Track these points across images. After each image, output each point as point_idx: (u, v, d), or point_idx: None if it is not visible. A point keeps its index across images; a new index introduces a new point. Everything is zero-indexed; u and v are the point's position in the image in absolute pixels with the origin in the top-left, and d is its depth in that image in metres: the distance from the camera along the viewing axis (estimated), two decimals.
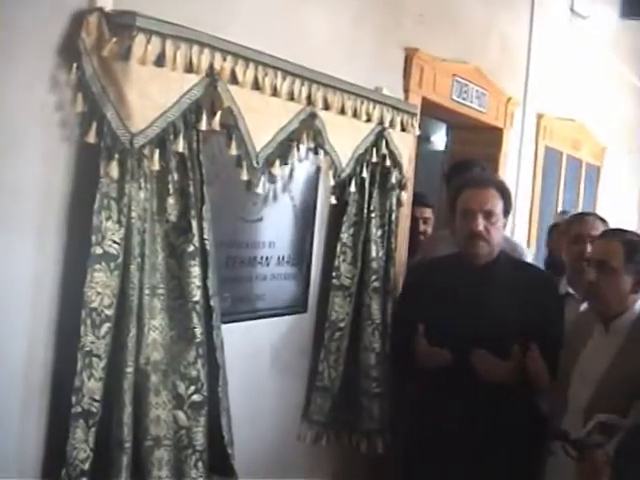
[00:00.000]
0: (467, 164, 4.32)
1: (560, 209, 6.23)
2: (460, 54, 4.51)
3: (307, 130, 3.03)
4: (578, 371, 3.06)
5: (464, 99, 4.58)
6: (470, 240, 3.36)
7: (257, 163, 2.78)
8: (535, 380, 3.25)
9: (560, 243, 4.07)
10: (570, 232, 3.85)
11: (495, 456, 3.27)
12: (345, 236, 3.47)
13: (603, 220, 3.93)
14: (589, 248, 3.69)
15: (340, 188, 3.38)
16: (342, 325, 3.47)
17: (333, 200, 3.36)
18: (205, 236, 2.60)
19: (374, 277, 3.57)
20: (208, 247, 2.61)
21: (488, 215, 3.34)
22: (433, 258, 3.84)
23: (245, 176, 2.76)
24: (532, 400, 3.33)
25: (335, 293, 3.46)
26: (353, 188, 3.40)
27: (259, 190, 2.88)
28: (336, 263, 3.46)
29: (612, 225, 3.89)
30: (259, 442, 3.15)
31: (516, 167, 5.55)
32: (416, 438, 3.53)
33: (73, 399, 2.28)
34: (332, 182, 3.28)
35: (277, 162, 2.90)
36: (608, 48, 7.23)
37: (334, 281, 3.46)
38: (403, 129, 3.67)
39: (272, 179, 2.95)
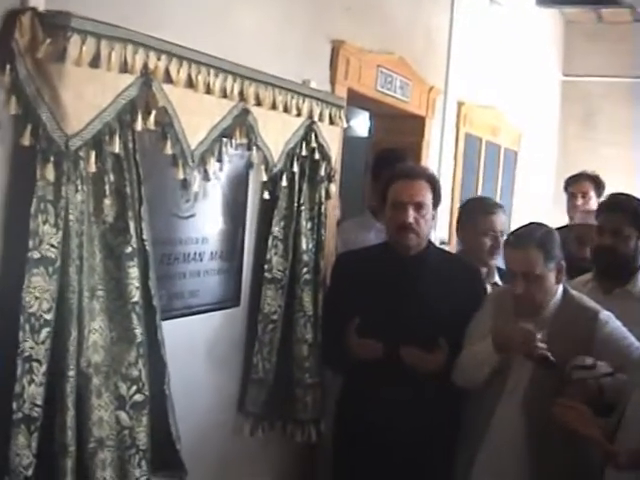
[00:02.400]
0: (395, 156, 4.33)
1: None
2: (385, 45, 4.55)
3: (240, 126, 3.04)
4: (514, 359, 3.17)
5: (388, 89, 4.63)
6: (400, 232, 3.44)
7: (192, 161, 2.79)
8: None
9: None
10: (481, 226, 3.97)
11: (424, 446, 3.37)
12: (276, 229, 3.49)
13: (501, 206, 4.16)
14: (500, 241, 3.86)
15: (272, 183, 3.40)
16: (275, 318, 3.49)
17: (266, 195, 3.39)
18: (144, 237, 2.60)
19: (305, 269, 3.60)
20: (148, 247, 2.62)
21: (418, 207, 3.42)
22: (361, 248, 3.91)
23: (181, 175, 2.77)
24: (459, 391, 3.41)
25: (267, 286, 3.48)
26: (284, 182, 3.43)
27: (195, 188, 2.89)
28: (268, 256, 3.48)
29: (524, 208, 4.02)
30: (197, 437, 3.15)
31: (438, 154, 5.64)
32: (346, 427, 3.61)
33: (14, 405, 2.25)
34: (264, 177, 3.30)
35: (212, 159, 2.91)
36: (526, 36, 7.38)
37: (266, 274, 3.48)
38: (331, 122, 3.70)
39: (207, 177, 2.95)
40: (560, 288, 3.24)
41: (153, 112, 2.59)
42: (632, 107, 8.59)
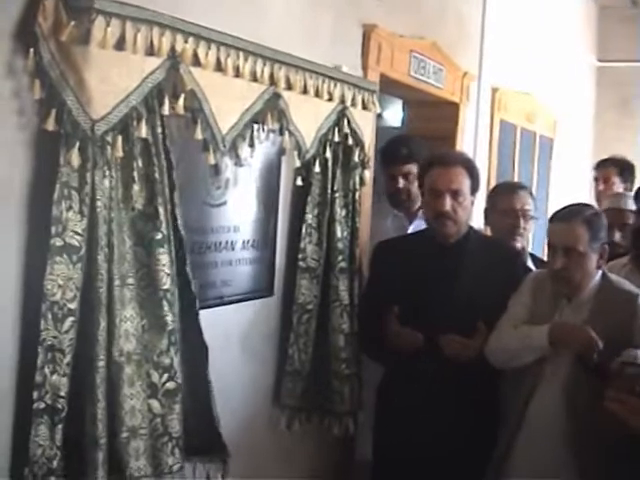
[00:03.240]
0: (402, 143, 4.27)
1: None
2: (417, 30, 4.46)
3: (271, 111, 2.97)
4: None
5: (422, 75, 4.54)
6: (437, 219, 3.39)
7: (224, 146, 2.72)
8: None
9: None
10: (500, 205, 3.85)
11: (463, 435, 3.29)
12: (310, 217, 3.43)
13: (523, 186, 4.07)
14: (522, 222, 3.74)
15: (304, 169, 3.33)
16: (310, 307, 3.43)
17: (299, 182, 3.32)
18: (178, 222, 2.56)
19: (340, 258, 3.53)
20: (182, 233, 2.58)
21: (455, 194, 3.37)
22: (400, 236, 3.86)
23: (212, 160, 2.70)
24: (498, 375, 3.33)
25: (302, 275, 3.41)
26: (317, 168, 3.36)
27: (228, 174, 2.82)
28: (301, 245, 3.41)
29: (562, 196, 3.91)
30: (231, 429, 3.09)
31: (473, 141, 5.54)
32: (384, 418, 3.54)
33: (35, 395, 2.20)
34: (297, 163, 3.23)
35: (243, 145, 2.84)
36: (560, 21, 7.25)
37: (300, 263, 3.41)
38: (364, 107, 3.63)
39: (239, 162, 2.88)
40: (599, 272, 3.16)
41: (181, 96, 2.52)
42: None
